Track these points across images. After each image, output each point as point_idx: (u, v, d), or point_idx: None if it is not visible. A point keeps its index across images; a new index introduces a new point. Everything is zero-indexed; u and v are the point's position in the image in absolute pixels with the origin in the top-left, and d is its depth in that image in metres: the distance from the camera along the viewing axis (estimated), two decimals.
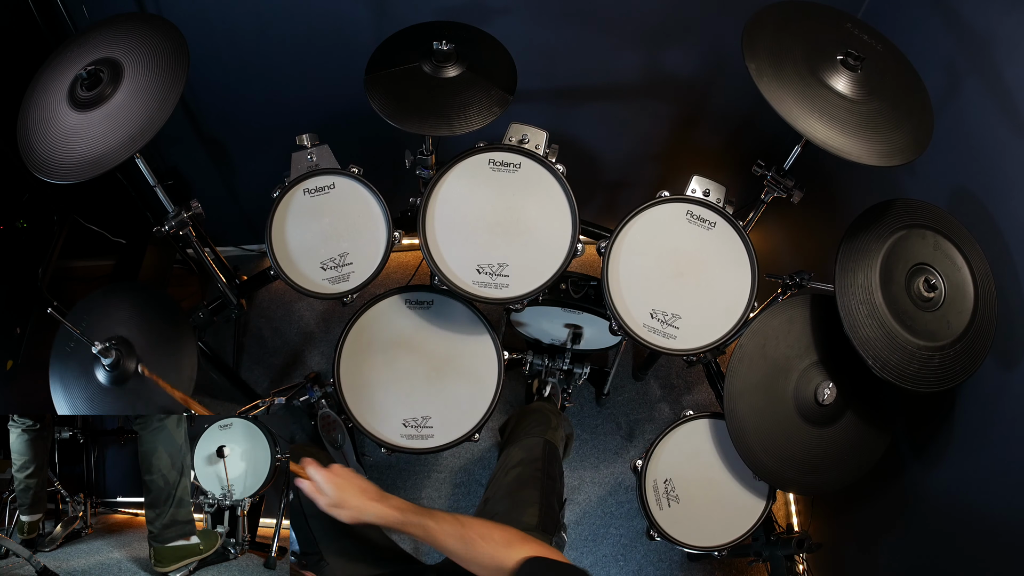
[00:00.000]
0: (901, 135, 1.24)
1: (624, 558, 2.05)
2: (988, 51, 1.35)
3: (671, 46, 1.80)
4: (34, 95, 1.30)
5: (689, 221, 1.54)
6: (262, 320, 2.41)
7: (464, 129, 1.36)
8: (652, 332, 1.48)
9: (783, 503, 2.16)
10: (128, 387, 1.42)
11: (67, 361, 1.45)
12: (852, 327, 1.23)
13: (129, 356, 1.42)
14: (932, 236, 1.29)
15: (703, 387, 2.35)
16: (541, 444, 1.56)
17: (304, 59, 1.78)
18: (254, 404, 1.81)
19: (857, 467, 1.42)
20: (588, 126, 2.06)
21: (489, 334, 1.66)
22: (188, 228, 1.46)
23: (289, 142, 1.56)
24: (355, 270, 1.53)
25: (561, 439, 1.68)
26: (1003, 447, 1.29)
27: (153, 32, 1.30)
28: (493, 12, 1.67)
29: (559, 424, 1.69)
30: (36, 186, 1.53)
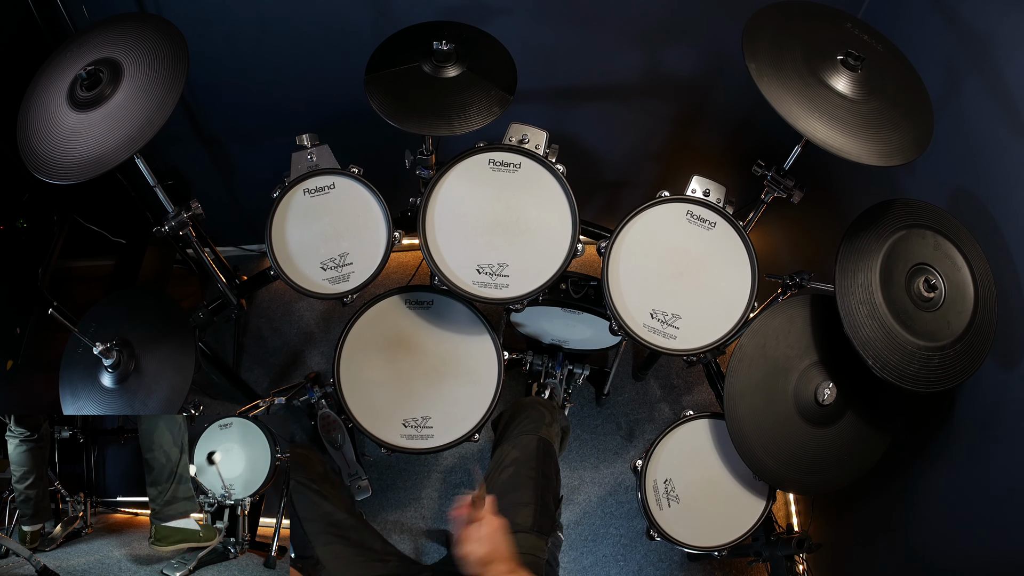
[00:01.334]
0: (901, 135, 1.24)
1: (624, 558, 2.05)
2: (988, 51, 1.35)
3: (671, 46, 1.80)
4: (34, 95, 1.30)
5: (689, 221, 1.54)
6: (262, 320, 2.41)
7: (464, 129, 1.36)
8: (652, 332, 1.48)
9: (783, 503, 2.16)
10: (129, 386, 1.41)
11: (75, 365, 1.45)
12: (852, 327, 1.23)
13: (130, 357, 1.43)
14: (932, 236, 1.29)
15: (703, 387, 2.35)
16: (535, 442, 1.52)
17: (304, 59, 1.78)
18: (254, 404, 1.81)
19: (857, 467, 1.42)
20: (588, 126, 2.06)
21: (489, 334, 1.66)
22: (188, 228, 1.46)
23: (289, 142, 1.56)
24: (355, 270, 1.53)
25: (556, 435, 1.63)
26: (1003, 447, 1.29)
27: (153, 32, 1.30)
28: (493, 12, 1.67)
29: (554, 420, 1.63)
30: (36, 186, 1.53)
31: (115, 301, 1.53)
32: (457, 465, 2.18)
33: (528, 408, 1.63)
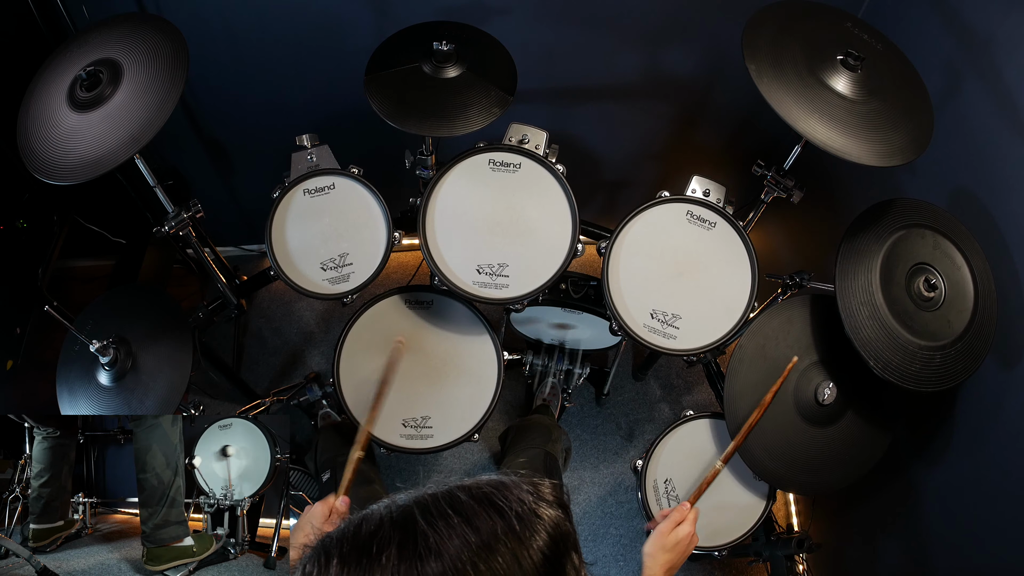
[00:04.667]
0: (901, 135, 1.24)
1: (624, 558, 2.05)
2: (988, 51, 1.34)
3: (671, 46, 1.80)
4: (34, 95, 1.30)
5: (689, 221, 1.54)
6: (262, 320, 2.41)
7: (464, 130, 1.36)
8: (652, 332, 1.48)
9: (783, 503, 2.15)
10: (127, 385, 1.41)
11: (72, 363, 1.45)
12: (853, 329, 1.23)
13: (127, 354, 1.42)
14: (932, 236, 1.29)
15: (703, 387, 2.35)
16: (542, 455, 1.58)
17: (304, 59, 1.78)
18: (254, 404, 1.81)
19: (857, 467, 1.42)
20: (588, 126, 2.06)
21: (489, 334, 1.66)
22: (188, 228, 1.46)
23: (289, 142, 1.56)
24: (355, 270, 1.53)
25: (560, 452, 1.71)
26: (1003, 447, 1.29)
27: (153, 32, 1.30)
28: (493, 12, 1.67)
29: (559, 438, 1.72)
30: (36, 186, 1.52)
31: (112, 298, 1.53)
32: (457, 466, 2.18)
33: (535, 425, 1.72)
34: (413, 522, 0.57)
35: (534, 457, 1.57)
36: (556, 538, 0.59)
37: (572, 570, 0.60)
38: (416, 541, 0.55)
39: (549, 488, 0.63)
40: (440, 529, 0.56)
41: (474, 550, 0.55)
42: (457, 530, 0.56)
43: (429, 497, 0.59)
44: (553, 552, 0.58)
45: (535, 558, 0.57)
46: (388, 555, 0.55)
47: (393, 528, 0.57)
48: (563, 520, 0.61)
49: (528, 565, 0.56)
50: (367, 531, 0.57)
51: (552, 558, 0.58)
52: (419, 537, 0.55)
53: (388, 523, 0.57)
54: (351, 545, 0.57)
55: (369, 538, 0.56)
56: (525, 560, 0.56)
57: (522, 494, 0.60)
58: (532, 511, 0.59)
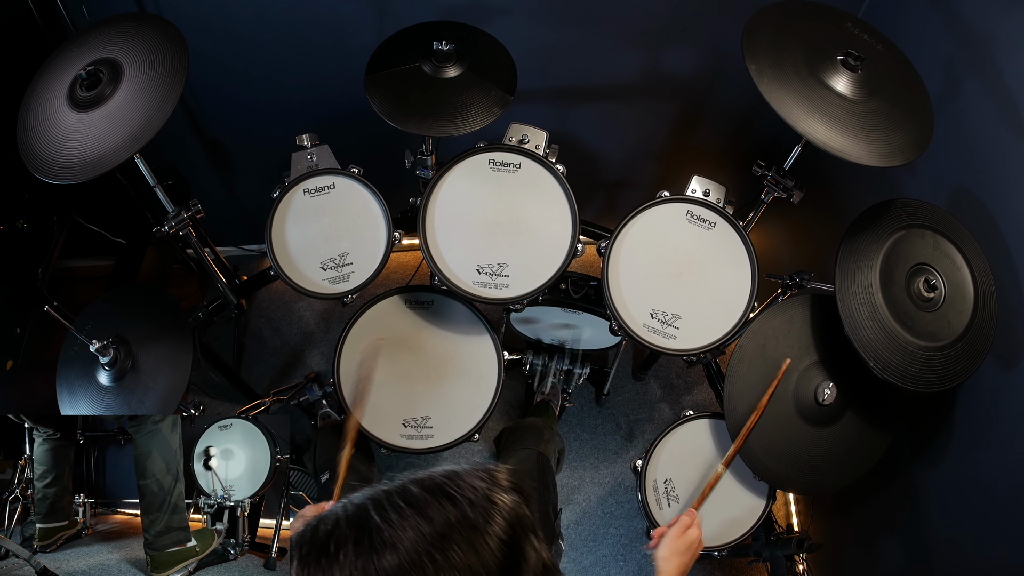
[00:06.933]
0: (901, 135, 1.24)
1: (624, 558, 2.05)
2: (988, 51, 1.34)
3: (671, 46, 1.80)
4: (34, 95, 1.30)
5: (689, 221, 1.54)
6: (262, 320, 2.41)
7: (464, 129, 1.36)
8: (652, 332, 1.48)
9: (783, 503, 2.15)
10: (126, 385, 1.41)
11: (72, 363, 1.45)
12: (853, 329, 1.23)
13: (127, 354, 1.42)
14: (932, 236, 1.29)
15: (703, 387, 2.35)
16: (534, 456, 1.58)
17: (304, 59, 1.78)
18: (254, 404, 1.81)
19: (857, 467, 1.42)
20: (588, 126, 2.06)
21: (489, 334, 1.66)
22: (188, 228, 1.46)
23: (289, 142, 1.56)
24: (355, 270, 1.53)
25: (553, 452, 1.71)
26: (1003, 447, 1.29)
27: (153, 32, 1.30)
28: (493, 12, 1.67)
29: (551, 438, 1.72)
30: (36, 186, 1.53)
31: (112, 298, 1.53)
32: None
33: (528, 427, 1.72)
34: (367, 518, 0.58)
35: (526, 458, 1.58)
36: (512, 523, 0.60)
37: (532, 551, 0.61)
38: (372, 537, 0.57)
39: (505, 474, 0.64)
40: (394, 522, 0.57)
41: (429, 540, 0.56)
42: (410, 521, 0.57)
43: (383, 493, 0.60)
44: (511, 536, 0.59)
45: (492, 544, 0.58)
46: (345, 552, 0.56)
47: (349, 526, 0.58)
48: (519, 504, 0.62)
49: (486, 552, 0.58)
50: (324, 531, 0.59)
51: (510, 543, 0.59)
52: (374, 532, 0.57)
53: (344, 522, 0.59)
54: (310, 546, 0.58)
55: (326, 538, 0.58)
56: (483, 547, 0.58)
57: (475, 482, 0.61)
58: (486, 497, 0.60)
